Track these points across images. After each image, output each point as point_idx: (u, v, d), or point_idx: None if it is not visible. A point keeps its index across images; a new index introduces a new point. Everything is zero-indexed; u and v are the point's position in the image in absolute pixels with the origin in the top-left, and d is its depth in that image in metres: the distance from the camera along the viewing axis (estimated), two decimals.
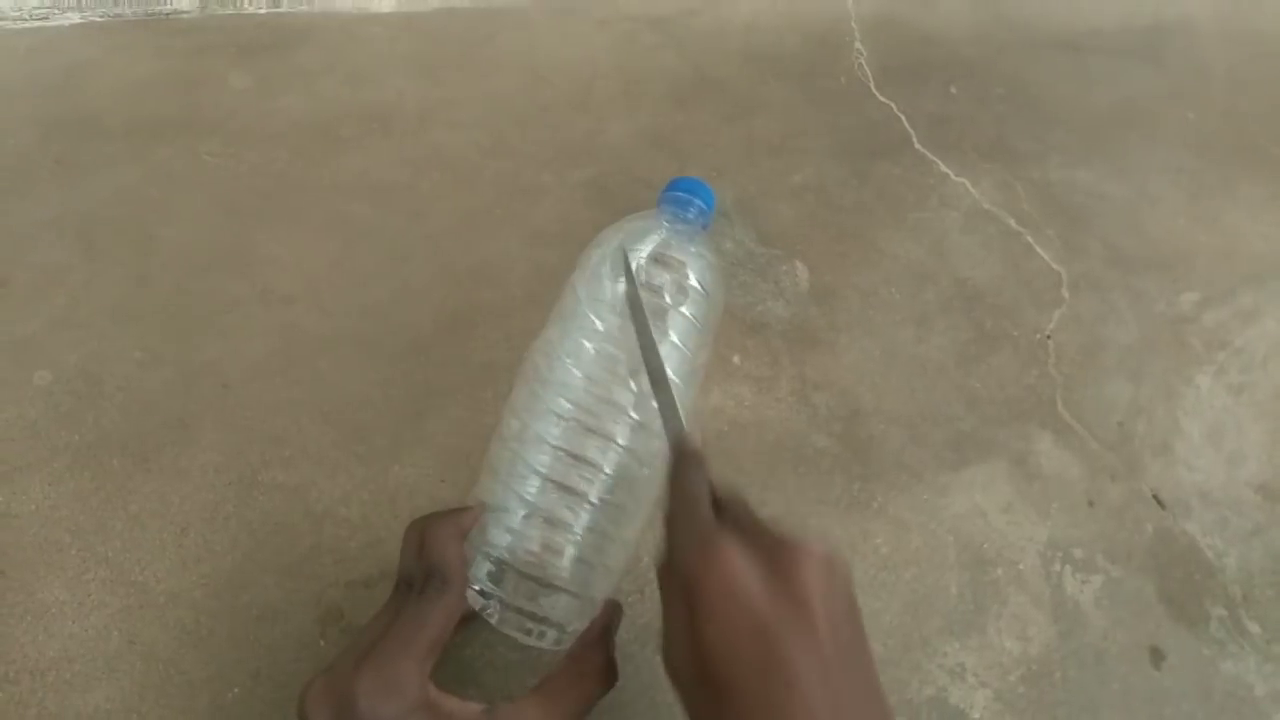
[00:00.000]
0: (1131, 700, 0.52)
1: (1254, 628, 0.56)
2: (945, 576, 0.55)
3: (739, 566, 0.36)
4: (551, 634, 0.43)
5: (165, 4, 0.87)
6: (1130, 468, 0.62)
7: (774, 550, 0.37)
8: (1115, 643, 0.54)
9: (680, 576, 0.37)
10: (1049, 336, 0.68)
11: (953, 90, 0.91)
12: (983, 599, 0.55)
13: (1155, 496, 0.61)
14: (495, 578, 0.43)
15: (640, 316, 0.45)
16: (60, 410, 0.57)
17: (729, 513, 0.40)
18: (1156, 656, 0.54)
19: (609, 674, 0.41)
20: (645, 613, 0.51)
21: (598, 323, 0.47)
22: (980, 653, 0.52)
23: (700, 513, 0.39)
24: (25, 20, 0.83)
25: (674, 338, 0.47)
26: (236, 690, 0.47)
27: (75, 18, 0.84)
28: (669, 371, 0.44)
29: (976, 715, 0.50)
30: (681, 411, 0.43)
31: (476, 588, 0.42)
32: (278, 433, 0.57)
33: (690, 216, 0.52)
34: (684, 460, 0.41)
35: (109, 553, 0.51)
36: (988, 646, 0.53)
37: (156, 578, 0.51)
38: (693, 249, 0.50)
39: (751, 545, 0.37)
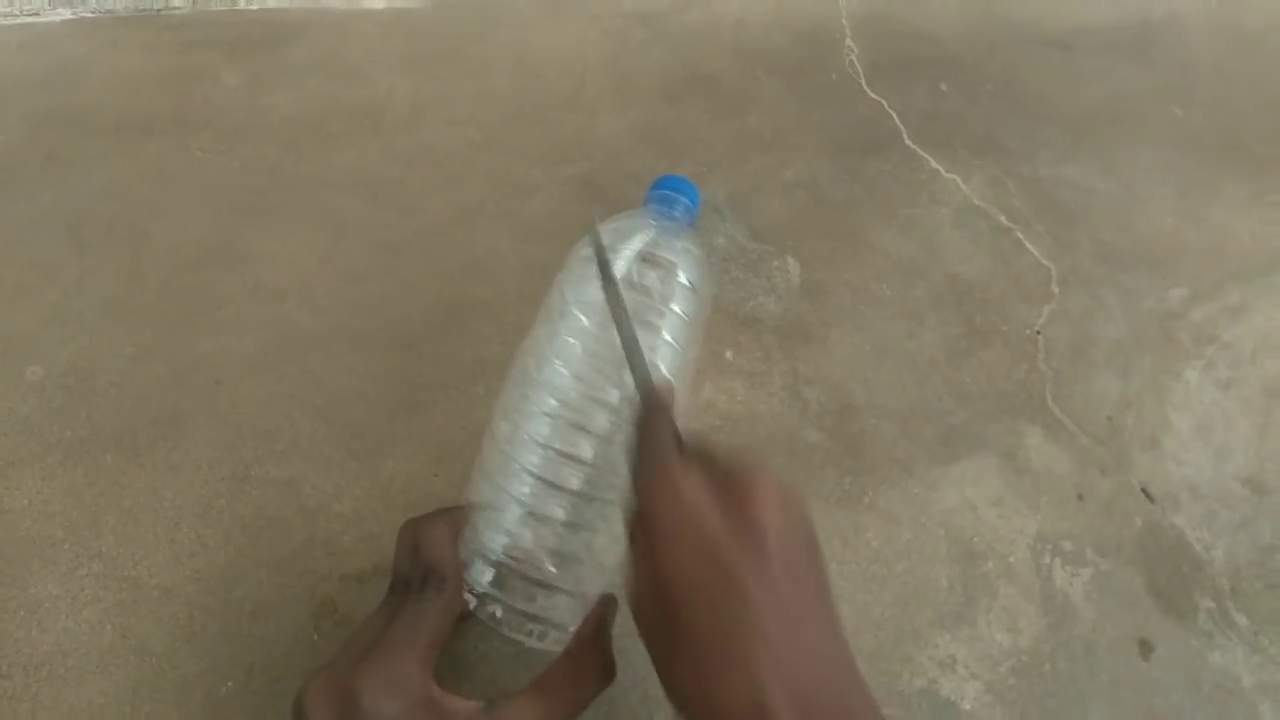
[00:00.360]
0: (1120, 691, 0.52)
1: (1241, 619, 0.56)
2: (936, 569, 0.56)
3: (693, 491, 0.37)
4: (552, 634, 0.43)
5: (157, 0, 0.87)
6: (1119, 462, 0.62)
7: (729, 478, 0.38)
8: (1104, 634, 0.54)
9: (642, 512, 0.38)
10: (1039, 332, 0.69)
11: (943, 87, 0.91)
12: (973, 592, 0.55)
13: (1144, 490, 0.61)
14: (496, 581, 0.43)
15: (606, 270, 0.45)
16: (52, 406, 0.57)
17: (692, 452, 0.41)
18: (1145, 648, 0.54)
19: (606, 670, 0.41)
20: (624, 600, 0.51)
21: (585, 321, 0.47)
22: (971, 645, 0.53)
23: (661, 449, 0.40)
24: (16, 16, 0.83)
25: (666, 335, 0.47)
26: (230, 684, 0.47)
27: (66, 14, 0.84)
28: (662, 369, 0.45)
29: (967, 707, 0.51)
30: (652, 368, 0.43)
31: (477, 591, 0.42)
32: (270, 428, 0.57)
33: (677, 214, 0.52)
34: (649, 407, 0.41)
35: (102, 548, 0.51)
36: (978, 638, 0.53)
37: (150, 573, 0.51)
38: (680, 246, 0.50)
39: (708, 474, 0.38)
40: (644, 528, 0.37)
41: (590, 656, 0.41)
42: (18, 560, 0.50)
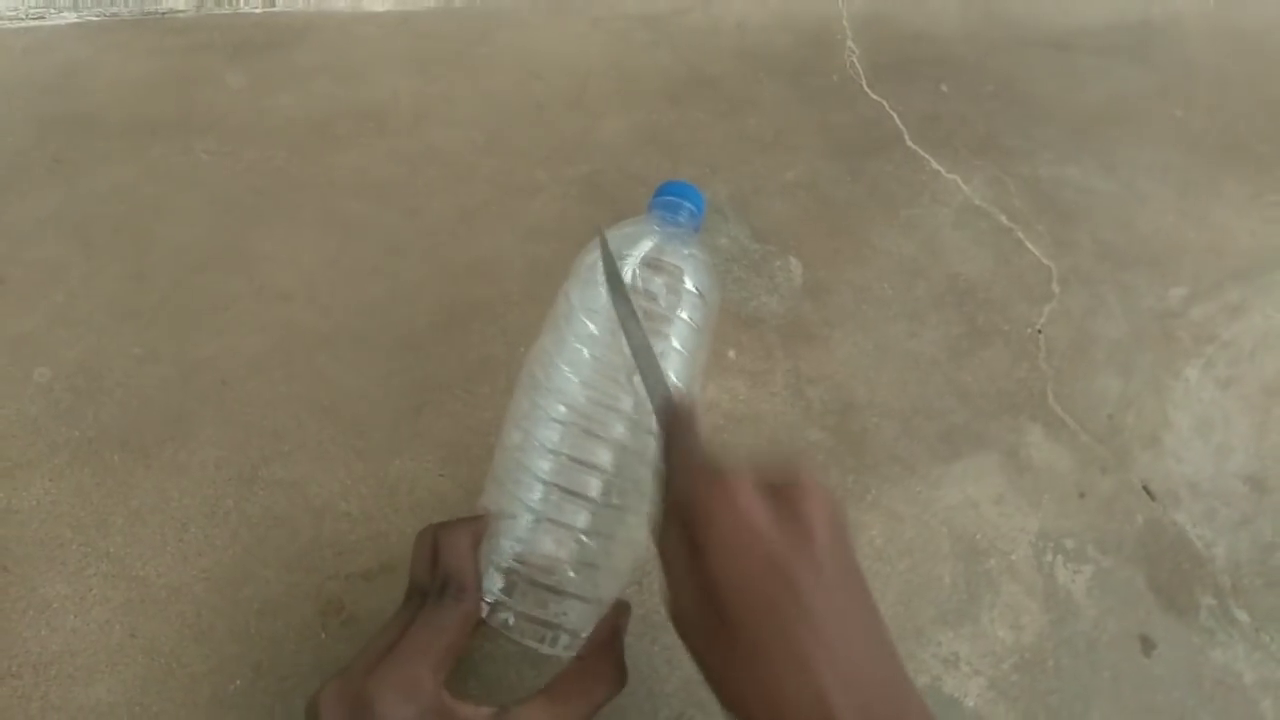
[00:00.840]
0: (1122, 688, 0.52)
1: (1242, 616, 0.56)
2: (939, 567, 0.56)
3: (744, 497, 0.37)
4: (564, 639, 0.43)
5: (161, 3, 0.87)
6: (1120, 459, 0.63)
7: (777, 484, 0.38)
8: (1106, 631, 0.54)
9: (686, 518, 0.37)
10: (1040, 331, 0.69)
11: (943, 88, 0.91)
12: (976, 589, 0.55)
13: (1145, 488, 0.61)
14: (508, 588, 0.43)
15: (616, 280, 0.45)
16: (60, 406, 0.57)
17: (723, 459, 0.41)
18: (1147, 645, 0.54)
19: (618, 676, 0.41)
20: (643, 604, 0.52)
21: (592, 328, 0.47)
22: (974, 642, 0.53)
23: (700, 458, 0.40)
24: (21, 19, 0.83)
25: (674, 342, 0.47)
26: (238, 683, 0.48)
27: (71, 17, 0.84)
28: (671, 376, 0.45)
29: (970, 704, 0.51)
30: (665, 374, 0.43)
31: (489, 599, 0.42)
32: (277, 428, 0.57)
33: (681, 220, 0.52)
34: (675, 416, 0.41)
35: (110, 548, 0.51)
36: (981, 635, 0.53)
37: (158, 572, 0.51)
38: (686, 252, 0.50)
39: (755, 480, 0.38)
40: (691, 539, 0.37)
41: (602, 662, 0.41)
42: (26, 560, 0.51)
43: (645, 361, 0.43)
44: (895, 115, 0.87)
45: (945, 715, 0.50)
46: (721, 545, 0.36)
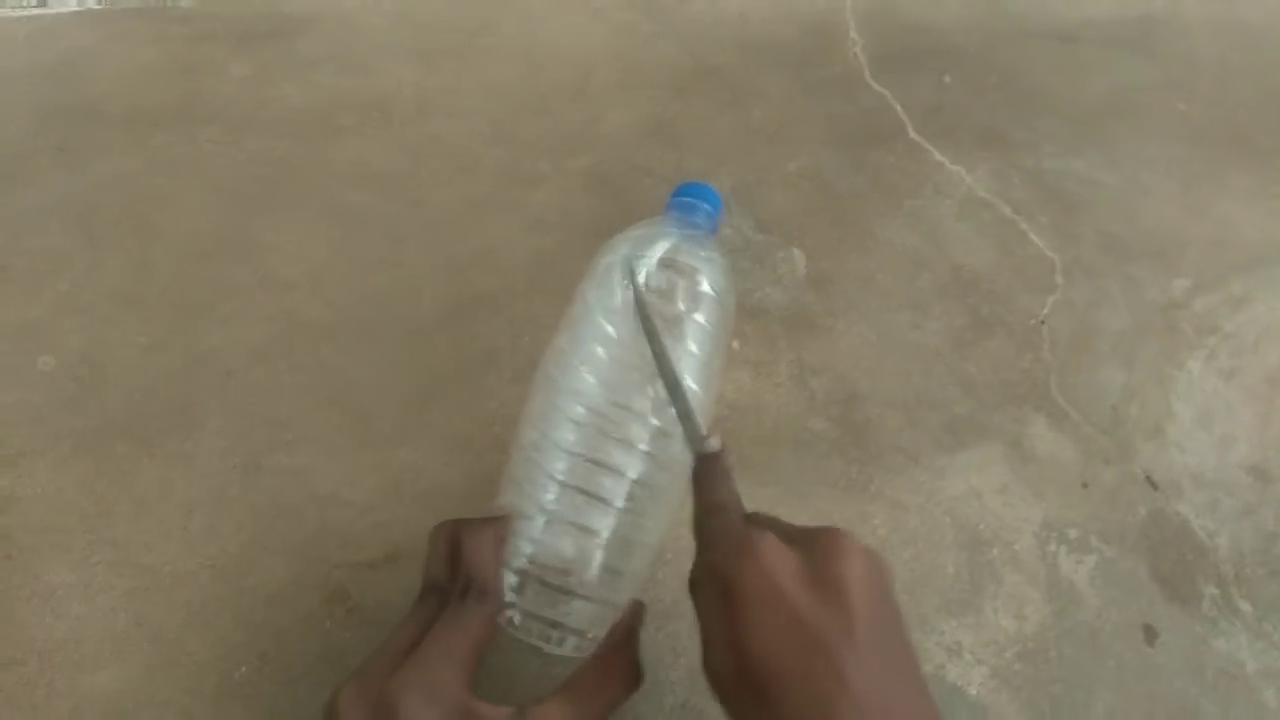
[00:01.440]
0: (1125, 677, 0.53)
1: (1245, 606, 0.56)
2: (942, 557, 0.56)
3: (777, 561, 0.36)
4: (571, 640, 0.43)
5: None
6: (1123, 450, 0.63)
7: (811, 545, 0.37)
8: (1109, 621, 0.55)
9: (717, 579, 0.37)
10: (1043, 322, 0.69)
11: (947, 79, 0.91)
12: (979, 579, 0.55)
13: (1148, 478, 0.61)
14: (518, 588, 0.43)
15: (650, 326, 0.45)
16: (64, 395, 0.57)
17: (759, 518, 0.40)
18: (1150, 634, 0.54)
19: (634, 676, 0.41)
20: (646, 592, 0.52)
21: (610, 329, 0.46)
22: (977, 631, 0.53)
23: (730, 514, 0.40)
24: (23, 8, 0.83)
25: (690, 345, 0.47)
26: (243, 670, 0.48)
27: (74, 5, 0.84)
28: (688, 380, 0.45)
29: (973, 692, 0.51)
30: (700, 420, 0.43)
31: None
32: (281, 417, 0.57)
33: (699, 221, 0.52)
34: (707, 467, 0.41)
35: (115, 536, 0.52)
36: (984, 625, 0.54)
37: (163, 560, 0.51)
38: (703, 254, 0.50)
39: (787, 541, 0.37)
40: (723, 601, 0.36)
41: (619, 662, 0.41)
42: (31, 548, 0.51)
43: (678, 400, 0.43)
44: (898, 106, 0.87)
45: (949, 704, 0.50)
46: (751, 610, 0.35)
